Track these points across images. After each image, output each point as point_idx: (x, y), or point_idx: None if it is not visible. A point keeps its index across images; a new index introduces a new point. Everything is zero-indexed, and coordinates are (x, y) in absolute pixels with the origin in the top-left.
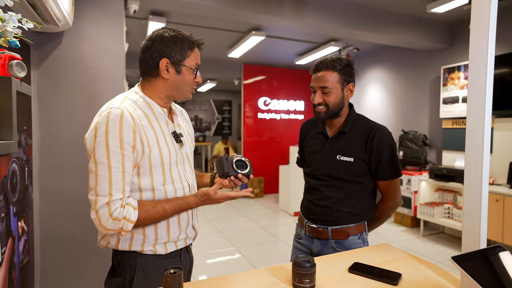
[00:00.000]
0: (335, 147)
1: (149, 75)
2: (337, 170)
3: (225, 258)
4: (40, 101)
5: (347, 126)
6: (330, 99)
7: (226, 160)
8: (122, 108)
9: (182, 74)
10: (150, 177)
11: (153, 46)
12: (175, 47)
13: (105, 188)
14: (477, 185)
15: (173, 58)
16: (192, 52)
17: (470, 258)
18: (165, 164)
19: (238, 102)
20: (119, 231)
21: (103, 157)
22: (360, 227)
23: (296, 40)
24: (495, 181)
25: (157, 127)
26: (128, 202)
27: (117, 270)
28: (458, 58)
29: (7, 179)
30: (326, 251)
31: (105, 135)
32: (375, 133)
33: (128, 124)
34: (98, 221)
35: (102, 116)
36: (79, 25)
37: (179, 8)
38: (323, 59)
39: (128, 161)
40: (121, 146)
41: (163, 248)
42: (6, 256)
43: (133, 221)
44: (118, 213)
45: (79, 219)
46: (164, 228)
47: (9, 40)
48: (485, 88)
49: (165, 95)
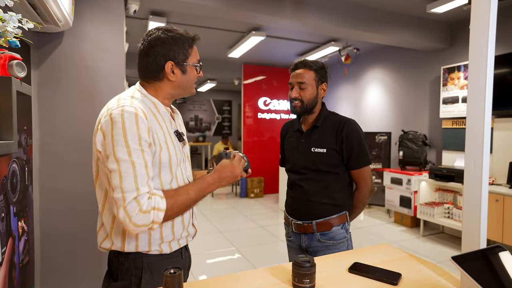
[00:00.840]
0: (309, 141)
1: (152, 79)
2: (313, 162)
3: (225, 258)
4: (40, 101)
5: (319, 120)
6: (305, 94)
7: (226, 156)
8: (135, 106)
9: (188, 73)
10: (159, 176)
11: (154, 50)
12: (177, 48)
13: (131, 184)
14: (477, 185)
15: (177, 59)
16: (192, 49)
17: (470, 258)
18: (172, 163)
19: (238, 102)
20: (151, 225)
21: (124, 154)
22: (342, 217)
23: (296, 40)
24: (495, 181)
25: (164, 126)
26: (153, 193)
27: (119, 274)
28: (458, 58)
29: (7, 179)
30: (313, 244)
31: (123, 133)
32: (343, 126)
33: (143, 121)
34: (128, 219)
35: (115, 114)
36: (79, 25)
37: (179, 8)
38: (302, 59)
39: (148, 157)
40: (140, 143)
41: (167, 247)
42: (6, 256)
43: (163, 209)
44: (147, 205)
45: (79, 219)
46: (169, 226)
47: (9, 40)
48: (485, 88)
49: (171, 95)
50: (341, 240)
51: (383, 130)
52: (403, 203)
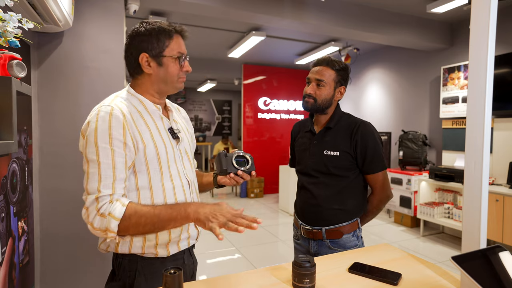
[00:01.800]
0: (322, 143)
1: (135, 73)
2: (325, 165)
3: (225, 258)
4: (40, 101)
5: (333, 121)
6: (321, 93)
7: (225, 157)
8: (112, 105)
9: (165, 66)
10: (147, 174)
11: (131, 44)
12: (152, 39)
13: (94, 185)
14: (477, 185)
15: (152, 52)
16: (171, 40)
17: (470, 258)
18: (161, 160)
19: (238, 102)
20: (106, 232)
21: (92, 155)
22: (353, 225)
23: (296, 40)
24: (495, 181)
25: (150, 122)
26: (118, 199)
27: (117, 274)
28: (458, 58)
29: (7, 179)
30: (323, 251)
31: (94, 133)
32: (358, 127)
33: (118, 120)
34: (87, 219)
35: (92, 115)
36: (79, 25)
37: (179, 8)
38: (326, 56)
39: (119, 157)
40: (110, 142)
41: (164, 250)
42: (6, 256)
43: (117, 217)
44: (105, 208)
45: (79, 219)
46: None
47: (9, 40)
48: (485, 88)
49: (154, 90)
50: (352, 248)
51: (383, 130)
52: (403, 203)
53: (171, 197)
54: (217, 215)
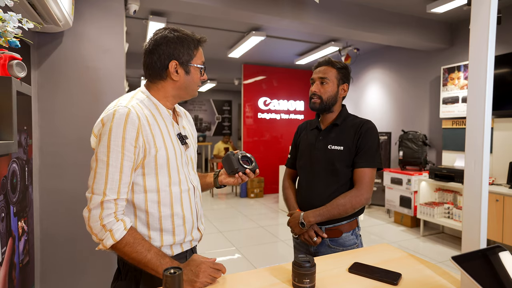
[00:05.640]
0: (327, 138)
1: (156, 78)
2: (327, 160)
3: (225, 258)
4: (40, 101)
5: (339, 119)
6: (326, 90)
7: (233, 156)
8: (129, 107)
9: (191, 74)
10: (156, 177)
11: (159, 49)
12: (182, 48)
13: (100, 187)
14: (477, 185)
15: (182, 59)
16: (197, 51)
17: (470, 258)
18: (171, 165)
19: (238, 102)
20: (99, 240)
21: (103, 155)
22: (352, 223)
23: (296, 40)
24: (495, 181)
25: (163, 127)
26: (123, 219)
27: (122, 273)
28: (458, 58)
29: (7, 179)
30: (323, 250)
31: (108, 133)
32: (363, 124)
33: (133, 123)
34: (88, 220)
35: (108, 114)
36: (79, 25)
37: (179, 8)
38: (326, 58)
39: (128, 162)
40: (123, 146)
41: (169, 250)
42: (6, 256)
43: (115, 239)
44: (109, 222)
45: (79, 219)
46: (169, 233)
47: (9, 40)
48: (485, 88)
49: (172, 96)
50: (351, 247)
51: (383, 130)
52: (403, 203)
53: (177, 201)
54: (199, 275)
